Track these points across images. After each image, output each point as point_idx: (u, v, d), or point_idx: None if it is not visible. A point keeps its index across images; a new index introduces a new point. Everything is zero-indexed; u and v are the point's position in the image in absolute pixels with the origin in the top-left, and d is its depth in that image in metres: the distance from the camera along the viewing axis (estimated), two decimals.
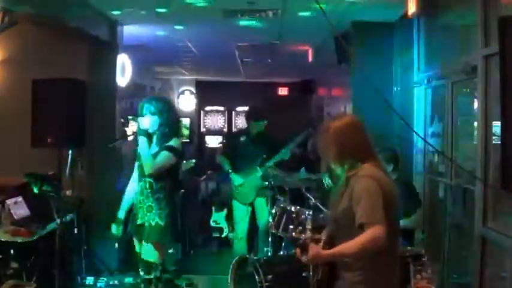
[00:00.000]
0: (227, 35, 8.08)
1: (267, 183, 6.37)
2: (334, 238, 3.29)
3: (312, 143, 13.51)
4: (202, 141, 15.90)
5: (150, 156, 4.67)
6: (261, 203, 6.88)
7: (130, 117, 8.47)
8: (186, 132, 14.39)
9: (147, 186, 4.74)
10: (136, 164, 4.90)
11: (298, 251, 3.32)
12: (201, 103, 16.00)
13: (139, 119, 4.75)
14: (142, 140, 4.71)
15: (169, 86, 15.26)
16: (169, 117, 4.78)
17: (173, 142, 4.71)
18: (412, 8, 5.58)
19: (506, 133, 3.04)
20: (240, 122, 15.84)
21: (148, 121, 4.71)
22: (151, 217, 4.72)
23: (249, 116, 7.21)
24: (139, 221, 4.79)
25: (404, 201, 3.67)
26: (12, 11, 5.67)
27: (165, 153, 4.68)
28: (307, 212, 5.01)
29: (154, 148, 4.74)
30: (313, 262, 3.30)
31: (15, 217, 5.55)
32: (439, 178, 5.89)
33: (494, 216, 4.46)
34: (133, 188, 4.94)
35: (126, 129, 8.62)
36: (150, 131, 4.74)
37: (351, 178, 3.19)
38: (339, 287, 3.30)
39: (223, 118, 16.23)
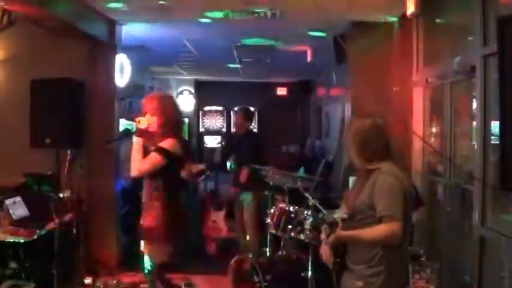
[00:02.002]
0: (226, 35, 8.08)
1: None
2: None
3: (309, 143, 13.59)
4: (201, 142, 15.90)
5: (138, 158, 4.56)
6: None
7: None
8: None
9: (146, 186, 4.69)
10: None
11: (324, 227, 3.44)
12: (200, 103, 16.00)
13: (139, 118, 4.63)
14: (135, 140, 4.61)
15: (168, 86, 15.25)
16: (168, 117, 4.64)
17: (165, 143, 4.55)
18: (410, 8, 5.58)
19: (504, 133, 3.04)
20: None
21: (147, 120, 4.62)
22: (146, 218, 4.65)
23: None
24: (141, 221, 4.72)
25: None
26: (11, 11, 5.67)
27: (152, 155, 4.54)
28: (305, 212, 5.02)
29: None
30: (335, 241, 3.40)
31: (14, 217, 5.55)
32: (437, 178, 5.90)
33: (492, 216, 4.47)
34: None
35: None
36: (151, 129, 4.63)
37: (372, 172, 3.34)
38: (347, 280, 3.38)
39: (222, 118, 16.23)
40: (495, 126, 4.24)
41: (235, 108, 15.19)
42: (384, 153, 3.39)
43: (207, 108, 16.20)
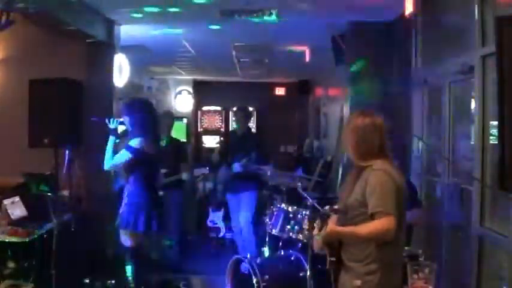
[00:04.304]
0: (224, 34, 8.07)
1: None
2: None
3: (308, 144, 13.59)
4: (199, 141, 15.89)
5: (111, 154, 5.26)
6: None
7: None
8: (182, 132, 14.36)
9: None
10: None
11: (317, 222, 3.44)
12: (198, 103, 15.98)
13: (111, 119, 5.39)
14: (110, 139, 5.31)
15: (167, 86, 15.24)
16: (138, 118, 5.27)
17: (132, 142, 5.21)
18: (409, 8, 5.58)
19: (503, 133, 3.04)
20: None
21: (124, 121, 5.34)
22: (123, 206, 5.31)
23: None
24: None
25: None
26: (10, 11, 5.66)
27: (121, 152, 5.24)
28: (304, 212, 5.02)
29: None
30: (326, 238, 3.38)
31: (13, 217, 5.55)
32: (436, 178, 5.90)
33: (491, 216, 4.47)
34: None
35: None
36: (114, 128, 5.37)
37: (364, 170, 3.36)
38: (345, 279, 3.39)
39: (221, 118, 16.21)
40: (494, 126, 4.25)
41: (234, 109, 15.22)
42: (379, 152, 3.40)
43: (205, 108, 16.18)
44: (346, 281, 3.40)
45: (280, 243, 5.71)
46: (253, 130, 14.34)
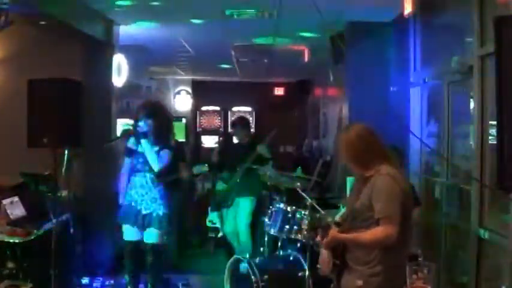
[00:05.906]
0: (223, 34, 8.07)
1: None
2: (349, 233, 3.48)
3: (307, 144, 13.58)
4: (198, 141, 15.87)
5: (156, 156, 5.34)
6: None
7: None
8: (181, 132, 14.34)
9: (148, 180, 5.43)
10: (128, 160, 5.59)
11: (318, 231, 3.50)
12: (197, 103, 15.97)
13: (140, 123, 5.38)
14: (145, 142, 5.34)
15: (166, 86, 15.23)
16: (165, 119, 5.54)
17: (172, 142, 5.50)
18: (408, 8, 5.59)
19: (502, 133, 3.04)
20: None
21: (144, 123, 5.35)
22: (157, 207, 5.41)
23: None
24: (144, 212, 5.42)
25: None
26: (9, 11, 5.66)
27: (167, 152, 5.41)
28: (303, 212, 5.02)
29: (153, 147, 5.36)
30: (328, 244, 3.48)
31: (11, 217, 5.55)
32: (435, 178, 5.90)
33: (490, 216, 4.47)
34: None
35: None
36: (145, 131, 5.37)
37: (370, 177, 3.41)
38: (347, 279, 3.42)
39: (220, 118, 16.20)
40: (493, 126, 4.25)
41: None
42: (381, 157, 3.44)
43: (204, 108, 16.16)
44: (348, 281, 3.45)
45: (279, 243, 5.71)
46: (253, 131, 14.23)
